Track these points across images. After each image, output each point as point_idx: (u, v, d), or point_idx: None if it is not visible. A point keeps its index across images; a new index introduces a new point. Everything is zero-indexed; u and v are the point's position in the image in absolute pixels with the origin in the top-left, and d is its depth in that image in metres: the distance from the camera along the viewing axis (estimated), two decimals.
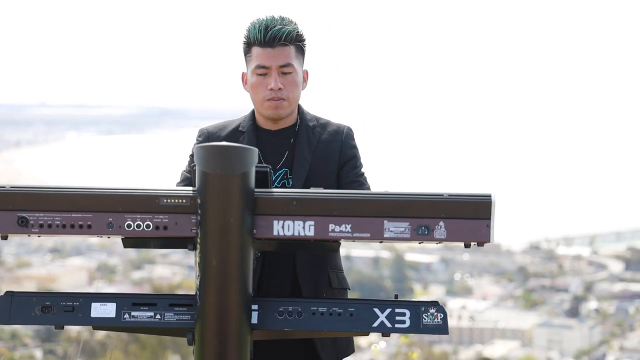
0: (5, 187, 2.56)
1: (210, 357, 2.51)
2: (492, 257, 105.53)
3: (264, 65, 3.17)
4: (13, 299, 2.63)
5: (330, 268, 3.27)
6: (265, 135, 3.28)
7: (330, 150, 3.27)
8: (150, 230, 2.55)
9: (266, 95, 3.19)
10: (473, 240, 2.55)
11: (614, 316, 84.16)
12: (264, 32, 3.14)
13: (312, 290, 3.20)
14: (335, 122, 3.35)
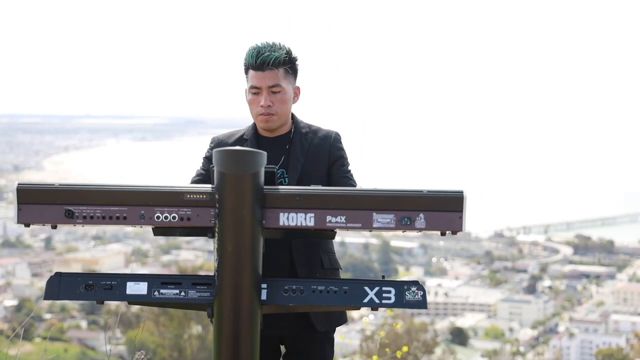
0: (55, 185, 2.56)
1: (226, 328, 2.51)
2: (463, 243, 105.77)
3: (256, 85, 3.20)
4: (62, 279, 2.63)
5: (323, 251, 3.28)
6: (264, 141, 3.29)
7: (320, 153, 3.28)
8: (176, 221, 2.55)
9: (259, 111, 3.22)
10: (448, 229, 2.55)
11: (564, 292, 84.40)
12: (256, 57, 3.17)
13: (306, 270, 3.21)
14: (325, 129, 3.36)
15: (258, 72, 3.17)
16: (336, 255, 3.39)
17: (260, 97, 3.20)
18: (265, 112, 3.20)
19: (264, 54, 3.15)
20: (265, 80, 3.17)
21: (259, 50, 3.17)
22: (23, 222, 2.56)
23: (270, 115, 3.21)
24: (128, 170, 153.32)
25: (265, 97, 3.18)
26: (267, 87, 3.18)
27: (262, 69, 3.16)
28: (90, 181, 2.69)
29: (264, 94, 3.19)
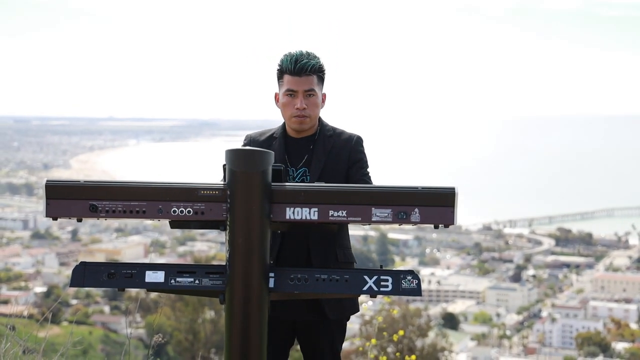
0: (80, 182, 2.56)
1: (237, 313, 2.51)
2: (454, 235, 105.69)
3: (293, 89, 3.20)
4: (86, 268, 2.63)
5: (338, 246, 3.26)
6: (291, 141, 3.30)
7: (341, 154, 3.28)
8: (190, 215, 2.55)
9: (293, 113, 3.22)
10: (441, 222, 2.55)
11: (547, 281, 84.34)
12: (294, 64, 3.18)
13: (322, 264, 3.19)
14: (348, 132, 3.36)
15: (295, 77, 3.18)
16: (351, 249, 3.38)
17: (296, 100, 3.20)
18: (300, 114, 3.21)
19: (302, 61, 3.17)
20: (301, 84, 3.18)
21: (297, 57, 3.19)
22: (51, 215, 2.57)
23: (304, 117, 3.22)
24: (147, 169, 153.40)
25: (301, 100, 3.19)
26: (303, 91, 3.19)
27: (299, 75, 3.17)
28: (113, 178, 2.69)
29: (300, 98, 3.19)
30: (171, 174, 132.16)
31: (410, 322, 29.26)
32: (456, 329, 60.87)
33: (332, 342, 3.30)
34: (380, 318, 6.85)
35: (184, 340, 35.61)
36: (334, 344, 3.31)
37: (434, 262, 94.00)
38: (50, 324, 5.03)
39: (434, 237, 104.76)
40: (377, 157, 3.68)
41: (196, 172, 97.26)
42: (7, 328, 4.77)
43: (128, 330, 4.71)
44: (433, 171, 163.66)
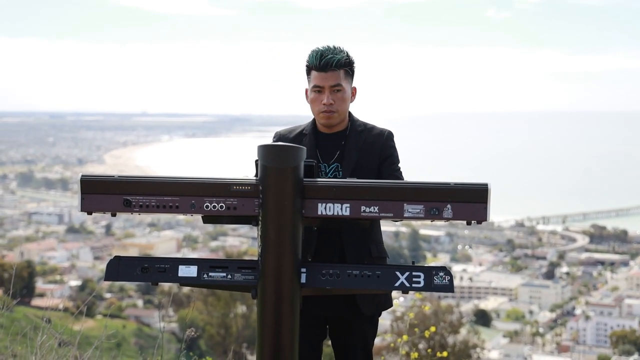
0: (114, 177, 2.58)
1: (269, 308, 2.51)
2: (487, 232, 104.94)
3: (319, 85, 3.19)
4: (120, 262, 2.65)
5: (371, 241, 3.25)
6: (322, 137, 3.28)
7: (373, 150, 3.26)
8: (223, 210, 2.56)
9: (321, 109, 3.21)
10: (473, 219, 2.53)
11: (581, 278, 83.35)
12: (320, 59, 3.16)
13: (355, 259, 3.17)
14: (379, 127, 3.34)
15: (321, 72, 3.17)
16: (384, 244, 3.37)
17: (323, 96, 3.19)
18: (327, 109, 3.19)
19: (327, 56, 3.16)
20: (327, 80, 3.17)
21: (322, 53, 3.17)
22: (86, 210, 2.59)
23: (332, 113, 3.20)
24: (180, 164, 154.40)
25: (328, 96, 3.18)
26: (329, 86, 3.17)
27: (325, 70, 3.16)
28: (146, 174, 2.71)
29: (326, 93, 3.18)
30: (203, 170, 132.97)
31: (442, 319, 29.14)
32: (488, 325, 60.42)
33: (365, 338, 3.29)
34: (411, 314, 6.83)
35: (216, 335, 35.84)
36: (367, 339, 3.30)
37: (466, 258, 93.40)
38: (85, 317, 5.09)
39: (466, 234, 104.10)
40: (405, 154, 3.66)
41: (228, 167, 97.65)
42: (43, 321, 4.84)
43: (161, 324, 4.75)
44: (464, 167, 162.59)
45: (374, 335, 3.35)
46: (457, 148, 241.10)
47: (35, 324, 5.05)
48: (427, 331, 5.88)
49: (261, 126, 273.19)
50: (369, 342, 3.32)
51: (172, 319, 39.43)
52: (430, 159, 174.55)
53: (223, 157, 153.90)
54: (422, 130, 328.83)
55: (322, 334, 3.34)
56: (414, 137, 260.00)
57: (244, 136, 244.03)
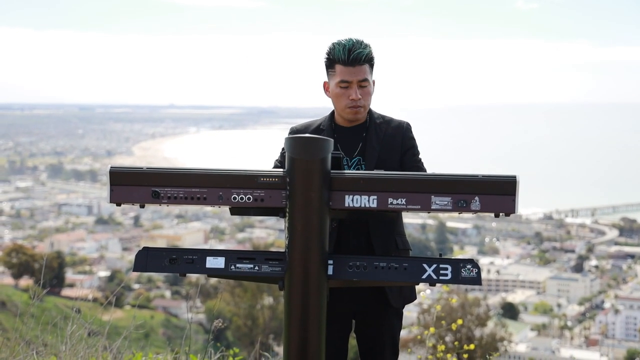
0: (143, 168, 2.60)
1: (296, 300, 2.52)
2: (514, 224, 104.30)
3: (347, 80, 3.14)
4: (148, 253, 2.67)
5: (396, 233, 3.25)
6: (341, 131, 3.25)
7: (394, 142, 3.24)
8: (250, 201, 2.56)
9: (348, 104, 3.17)
10: (501, 211, 2.51)
11: (610, 271, 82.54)
12: (348, 54, 3.11)
13: (382, 252, 3.16)
14: (397, 119, 3.31)
15: (349, 67, 3.12)
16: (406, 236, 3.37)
17: (350, 91, 3.15)
18: (354, 104, 3.16)
19: (355, 50, 3.11)
20: (356, 74, 3.12)
21: (350, 47, 3.12)
22: (115, 201, 2.61)
23: (359, 108, 3.17)
24: (207, 156, 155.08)
25: (356, 91, 3.14)
26: (357, 81, 3.13)
27: (353, 65, 3.11)
28: (174, 165, 2.72)
29: (354, 88, 3.14)
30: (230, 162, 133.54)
31: (469, 312, 29.03)
32: (516, 319, 60.06)
33: (392, 331, 3.29)
34: (438, 307, 6.81)
35: (243, 326, 36.03)
36: (394, 333, 3.30)
37: (494, 251, 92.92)
38: (114, 308, 5.14)
39: (494, 226, 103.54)
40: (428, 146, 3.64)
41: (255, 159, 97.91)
42: (73, 311, 4.89)
43: (189, 315, 4.78)
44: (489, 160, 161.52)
45: (400, 329, 3.35)
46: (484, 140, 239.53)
47: (65, 313, 5.10)
48: (454, 324, 5.85)
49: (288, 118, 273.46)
50: (396, 335, 3.32)
51: (200, 310, 39.75)
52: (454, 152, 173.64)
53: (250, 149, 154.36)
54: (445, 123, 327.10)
55: (348, 328, 3.34)
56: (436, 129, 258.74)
57: (270, 128, 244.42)
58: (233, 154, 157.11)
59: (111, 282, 53.87)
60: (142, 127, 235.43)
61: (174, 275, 43.64)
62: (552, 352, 53.68)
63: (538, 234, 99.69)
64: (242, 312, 36.07)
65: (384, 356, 3.30)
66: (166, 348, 5.61)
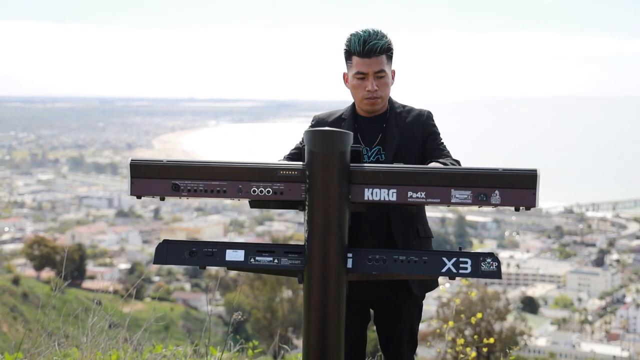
0: (162, 161, 2.61)
1: (315, 293, 2.52)
2: (535, 218, 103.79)
3: (363, 71, 3.15)
4: (169, 246, 2.68)
5: (418, 222, 3.25)
6: (363, 121, 3.26)
7: (414, 130, 3.24)
8: (270, 194, 2.57)
9: (365, 95, 3.18)
10: (522, 205, 2.50)
11: (631, 266, 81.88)
12: (363, 45, 3.12)
13: (404, 240, 3.17)
14: (418, 108, 3.32)
15: (364, 58, 3.12)
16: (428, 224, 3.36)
17: (367, 82, 3.16)
18: (371, 96, 3.17)
19: (370, 42, 3.11)
20: (371, 66, 3.13)
21: (365, 38, 3.12)
22: (135, 194, 2.62)
23: (376, 99, 3.18)
24: (227, 149, 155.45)
25: (372, 82, 3.15)
26: (373, 72, 3.14)
27: (368, 56, 3.12)
28: (193, 158, 2.73)
29: (370, 79, 3.15)
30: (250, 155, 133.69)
31: (489, 305, 28.94)
32: (536, 312, 59.80)
33: (411, 321, 3.30)
34: (457, 300, 6.79)
35: (262, 319, 36.13)
36: (413, 323, 3.31)
37: (513, 245, 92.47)
38: (134, 300, 5.17)
39: (513, 220, 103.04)
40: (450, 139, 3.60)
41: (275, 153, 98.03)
42: (94, 303, 4.93)
43: (208, 307, 4.81)
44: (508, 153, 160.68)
45: (420, 319, 3.35)
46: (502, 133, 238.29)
47: (86, 305, 5.15)
48: (474, 317, 5.84)
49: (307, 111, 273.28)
50: (415, 325, 3.32)
51: (219, 302, 39.94)
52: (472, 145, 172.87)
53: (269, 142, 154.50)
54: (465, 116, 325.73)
55: (367, 319, 3.35)
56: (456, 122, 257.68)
57: (290, 121, 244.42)
58: (252, 147, 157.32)
59: (131, 275, 54.16)
60: (162, 120, 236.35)
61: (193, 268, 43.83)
62: (572, 346, 53.40)
63: (558, 228, 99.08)
64: (261, 305, 36.17)
65: (402, 346, 3.31)
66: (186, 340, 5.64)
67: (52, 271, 46.02)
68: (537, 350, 49.63)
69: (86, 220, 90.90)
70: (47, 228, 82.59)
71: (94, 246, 73.02)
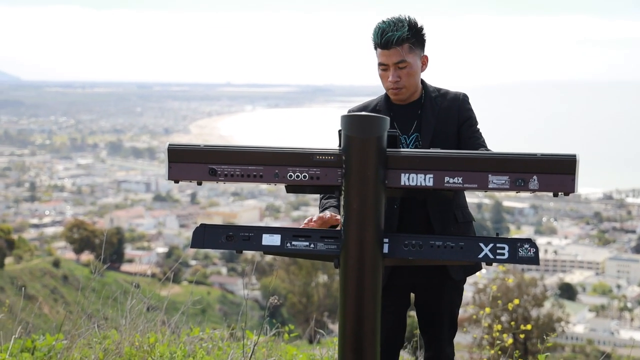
0: (200, 146, 2.62)
1: (351, 278, 2.52)
2: (573, 204, 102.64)
3: (383, 63, 3.16)
4: (205, 230, 2.70)
5: (456, 207, 3.24)
6: (397, 109, 3.26)
7: (450, 115, 3.23)
8: (306, 179, 2.57)
9: (388, 85, 3.20)
10: (561, 190, 2.47)
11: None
12: (381, 37, 3.12)
13: (441, 225, 3.18)
14: (453, 91, 3.30)
15: (384, 50, 3.13)
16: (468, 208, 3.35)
17: (388, 73, 3.16)
18: (394, 86, 3.18)
19: (387, 33, 3.10)
20: (391, 57, 3.13)
21: (383, 29, 3.11)
22: (173, 178, 2.64)
23: (399, 89, 3.18)
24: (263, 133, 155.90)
25: (393, 74, 3.15)
26: (393, 63, 3.14)
27: (387, 48, 3.12)
28: (230, 143, 2.74)
29: (391, 70, 3.15)
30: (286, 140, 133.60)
31: (526, 292, 28.73)
32: (573, 299, 59.24)
33: (452, 304, 3.32)
34: (494, 287, 6.77)
35: (298, 303, 36.32)
36: (453, 306, 3.32)
37: (551, 231, 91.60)
38: (172, 283, 5.23)
39: (551, 206, 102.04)
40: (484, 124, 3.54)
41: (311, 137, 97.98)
42: (132, 286, 5.00)
43: (245, 291, 4.83)
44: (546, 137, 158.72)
45: (460, 303, 3.36)
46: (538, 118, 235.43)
47: (124, 288, 5.22)
48: (510, 304, 5.81)
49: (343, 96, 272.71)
50: (455, 309, 3.33)
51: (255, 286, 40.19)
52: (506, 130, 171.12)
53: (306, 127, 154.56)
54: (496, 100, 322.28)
55: (407, 304, 3.35)
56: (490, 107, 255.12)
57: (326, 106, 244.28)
58: (289, 132, 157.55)
59: (169, 258, 54.79)
60: (199, 105, 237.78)
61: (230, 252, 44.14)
62: (611, 333, 52.84)
63: (597, 214, 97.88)
64: (297, 289, 36.35)
65: (442, 330, 3.32)
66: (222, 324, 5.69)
67: (92, 254, 46.73)
68: (575, 337, 49.21)
69: (124, 204, 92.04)
70: (86, 212, 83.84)
71: (132, 230, 73.91)
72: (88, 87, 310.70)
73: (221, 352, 4.79)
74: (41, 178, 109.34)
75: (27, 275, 40.75)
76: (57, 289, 40.89)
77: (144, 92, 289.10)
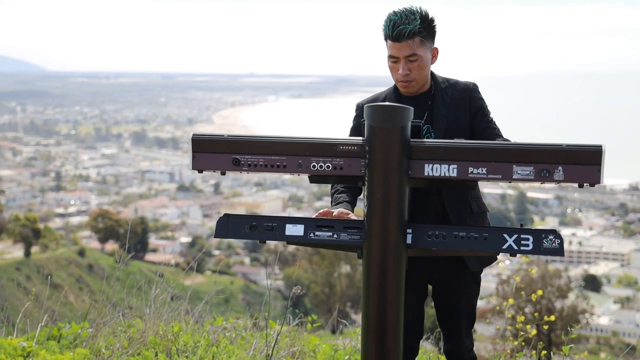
0: (224, 136, 2.63)
1: (374, 268, 2.52)
2: (598, 195, 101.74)
3: (394, 55, 3.13)
4: (229, 220, 2.71)
5: (471, 198, 3.23)
6: (407, 101, 3.21)
7: (461, 105, 3.21)
8: (329, 170, 2.57)
9: (398, 78, 3.17)
10: (586, 181, 2.45)
11: None
12: (392, 29, 3.08)
13: (457, 216, 3.17)
14: (463, 81, 3.27)
15: (395, 42, 3.09)
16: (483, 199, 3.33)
17: (399, 65, 3.13)
18: (403, 79, 3.15)
19: (399, 26, 3.06)
20: (402, 50, 3.10)
21: (395, 22, 3.07)
22: (197, 168, 2.65)
23: (409, 82, 3.16)
24: (287, 124, 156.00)
25: (403, 67, 3.12)
26: (404, 56, 3.11)
27: (398, 40, 3.08)
28: (254, 133, 2.75)
29: (402, 63, 3.12)
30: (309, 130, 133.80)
31: (549, 283, 28.59)
32: (598, 291, 58.79)
33: (470, 296, 3.31)
34: (518, 278, 6.73)
35: (321, 293, 36.42)
36: (471, 298, 3.31)
37: (576, 222, 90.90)
38: (195, 273, 5.26)
39: (576, 197, 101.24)
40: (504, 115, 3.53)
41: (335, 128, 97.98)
42: (157, 275, 5.04)
43: (268, 281, 4.85)
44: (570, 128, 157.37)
45: (478, 295, 3.35)
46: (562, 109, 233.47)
47: (149, 278, 5.26)
48: (534, 295, 5.78)
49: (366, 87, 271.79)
50: (473, 301, 3.32)
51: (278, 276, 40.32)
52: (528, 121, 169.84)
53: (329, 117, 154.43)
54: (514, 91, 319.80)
55: (425, 295, 3.35)
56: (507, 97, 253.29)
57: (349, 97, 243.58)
58: (312, 122, 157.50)
59: (192, 248, 55.06)
60: (222, 95, 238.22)
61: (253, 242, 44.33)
62: (636, 325, 52.40)
63: (623, 205, 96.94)
64: (320, 279, 36.45)
65: (460, 321, 3.31)
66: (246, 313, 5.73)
67: (116, 243, 47.13)
68: (600, 329, 48.89)
69: (148, 194, 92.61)
70: (111, 201, 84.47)
71: (156, 220, 74.36)
72: (112, 78, 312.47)
73: (244, 342, 4.82)
74: (66, 168, 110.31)
75: (52, 264, 41.24)
76: (83, 278, 41.32)
77: (168, 82, 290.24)
